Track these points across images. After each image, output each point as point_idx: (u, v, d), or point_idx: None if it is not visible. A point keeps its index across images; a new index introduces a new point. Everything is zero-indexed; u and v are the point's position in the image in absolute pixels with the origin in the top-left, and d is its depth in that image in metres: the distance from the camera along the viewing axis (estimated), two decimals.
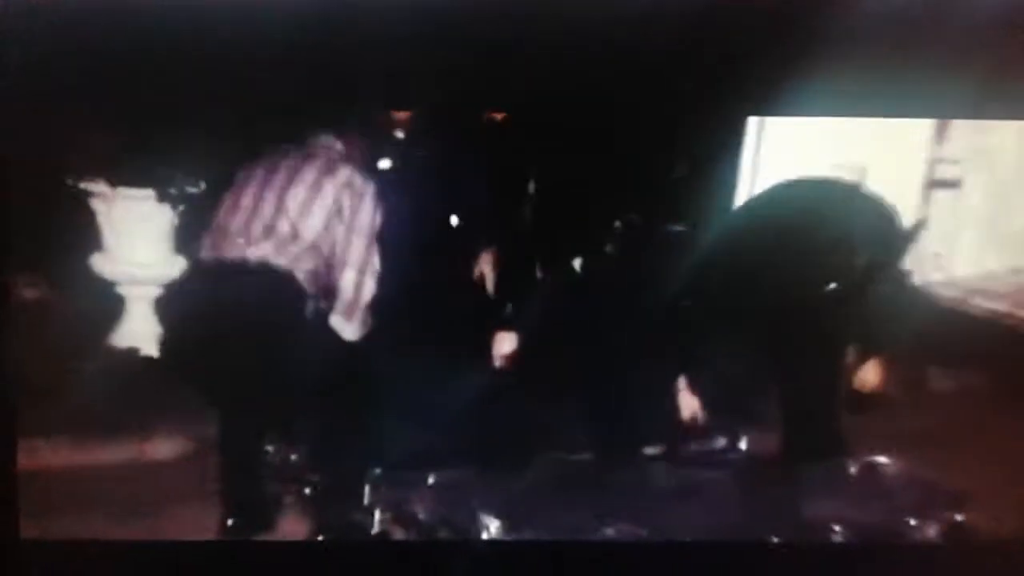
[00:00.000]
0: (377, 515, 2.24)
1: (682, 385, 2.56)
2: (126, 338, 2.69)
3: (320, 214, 2.32)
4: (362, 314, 2.39)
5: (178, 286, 2.39)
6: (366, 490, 2.28)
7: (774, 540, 2.22)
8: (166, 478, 2.37)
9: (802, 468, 2.42)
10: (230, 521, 2.23)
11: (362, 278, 2.37)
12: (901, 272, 2.52)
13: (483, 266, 2.64)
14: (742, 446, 2.57)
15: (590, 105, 2.12)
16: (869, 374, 2.48)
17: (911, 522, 2.29)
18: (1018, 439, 2.36)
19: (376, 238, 2.38)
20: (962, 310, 3.10)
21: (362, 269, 2.37)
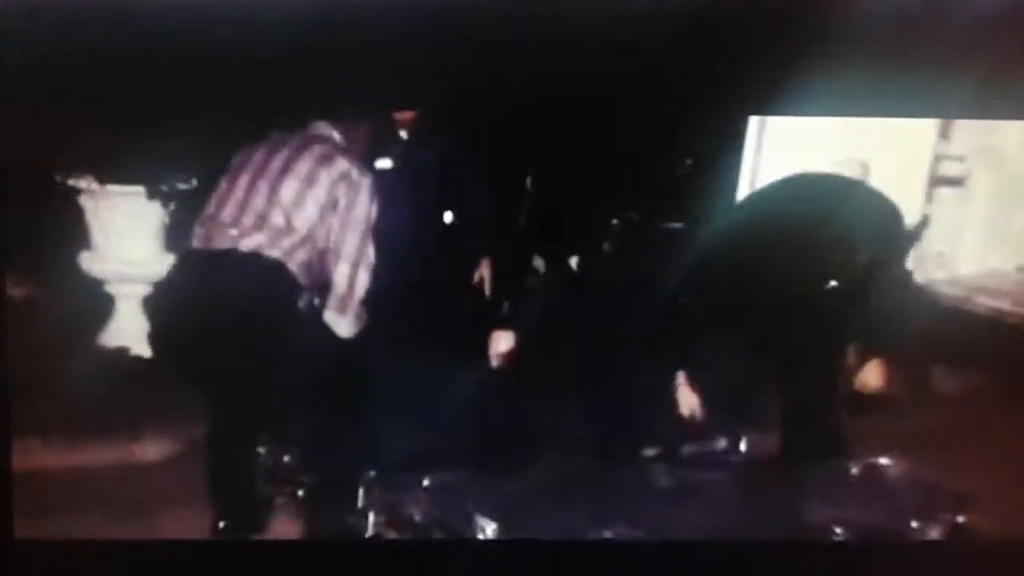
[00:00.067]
0: (371, 518, 2.22)
1: (681, 384, 2.54)
2: (115, 337, 2.67)
3: (314, 206, 2.26)
4: (356, 309, 2.34)
5: (168, 277, 2.34)
6: (360, 492, 2.25)
7: (774, 541, 2.21)
8: (158, 479, 2.35)
9: (802, 469, 2.40)
10: (221, 524, 2.21)
11: (356, 272, 2.32)
12: (904, 270, 2.51)
13: (480, 264, 2.62)
14: (742, 447, 2.56)
15: (590, 104, 2.11)
16: (870, 375, 2.46)
17: (913, 523, 2.27)
18: (1022, 439, 2.35)
19: (372, 232, 2.33)
20: (965, 309, 3.09)
21: (356, 263, 2.32)
